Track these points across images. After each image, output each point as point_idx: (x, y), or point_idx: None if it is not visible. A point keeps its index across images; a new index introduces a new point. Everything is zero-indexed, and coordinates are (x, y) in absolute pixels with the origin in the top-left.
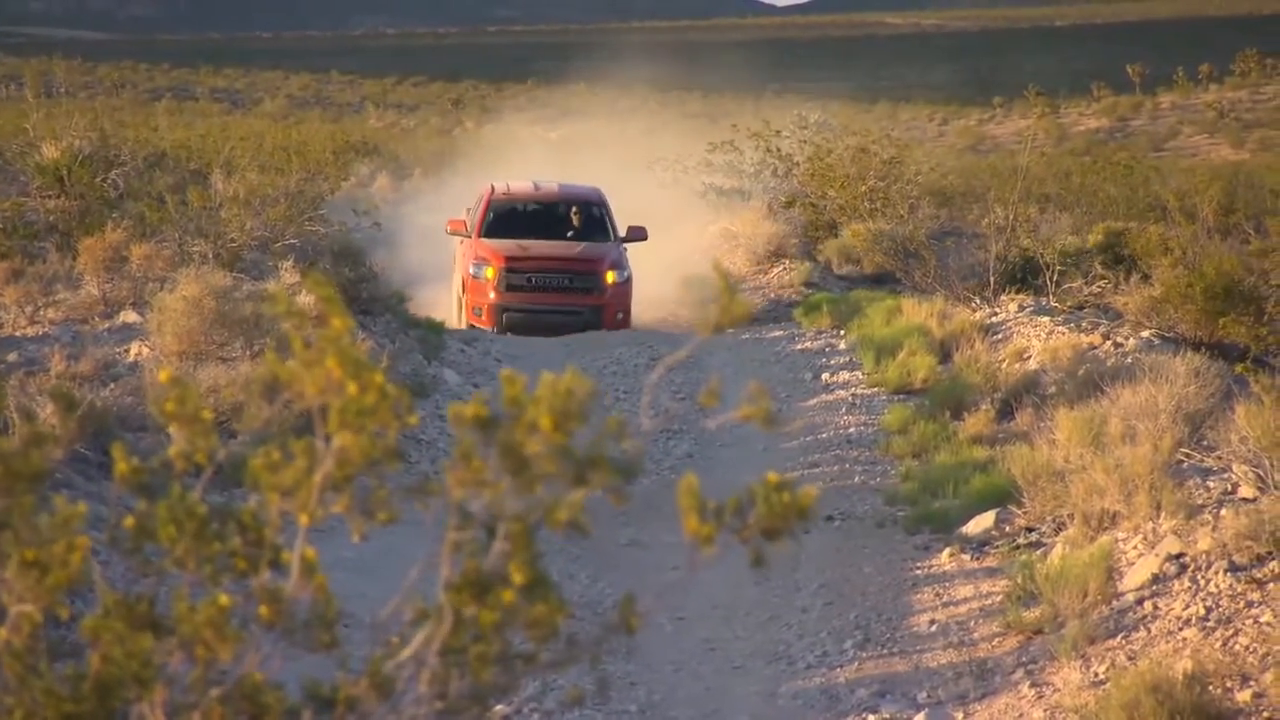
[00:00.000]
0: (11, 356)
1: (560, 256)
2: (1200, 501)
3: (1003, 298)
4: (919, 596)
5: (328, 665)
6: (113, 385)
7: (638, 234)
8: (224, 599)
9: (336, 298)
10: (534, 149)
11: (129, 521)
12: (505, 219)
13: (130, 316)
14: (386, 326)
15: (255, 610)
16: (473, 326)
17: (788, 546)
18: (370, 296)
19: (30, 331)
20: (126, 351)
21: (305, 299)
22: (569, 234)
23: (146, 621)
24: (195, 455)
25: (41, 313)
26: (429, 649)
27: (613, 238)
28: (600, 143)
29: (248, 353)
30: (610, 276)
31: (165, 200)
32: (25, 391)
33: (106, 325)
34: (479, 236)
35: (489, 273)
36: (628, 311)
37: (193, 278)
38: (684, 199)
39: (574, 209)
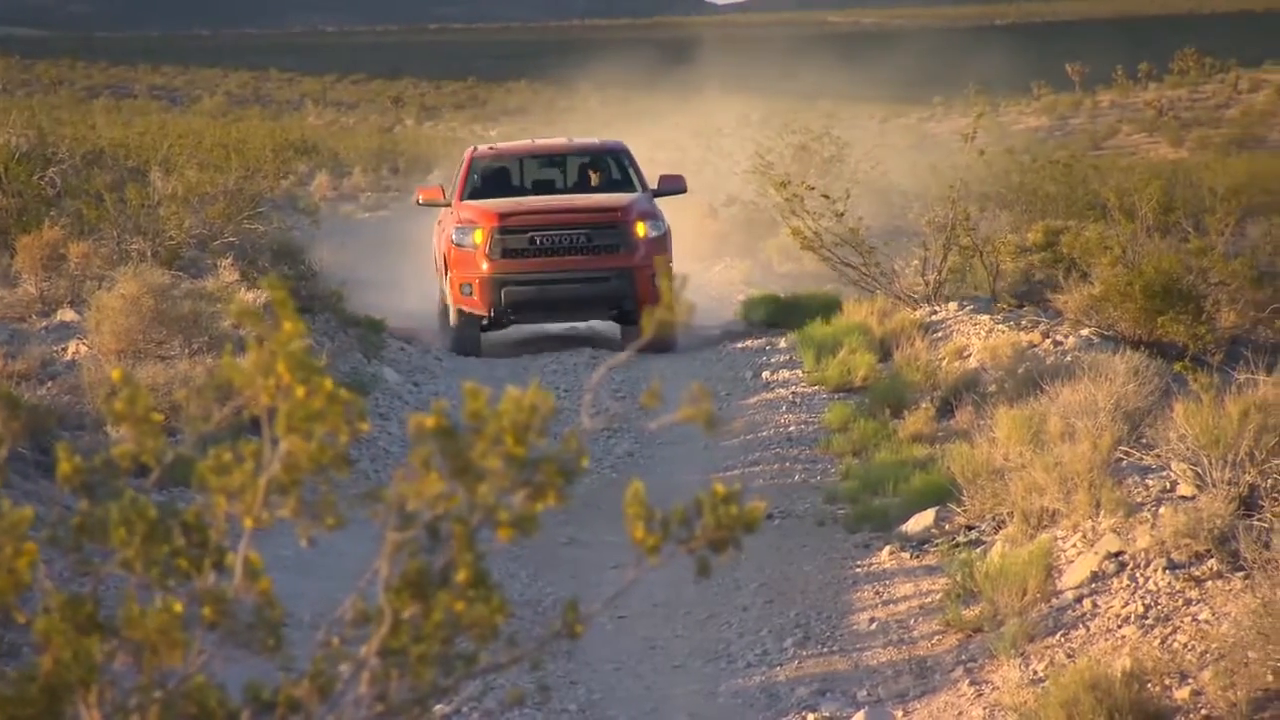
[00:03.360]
0: None
1: (571, 207)
2: (1139, 499)
3: (943, 296)
4: (859, 595)
5: (268, 666)
6: (50, 384)
7: (673, 185)
8: (177, 605)
9: (289, 301)
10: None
11: (77, 522)
12: (495, 181)
13: (68, 315)
14: (325, 325)
15: (198, 612)
16: (463, 314)
17: (731, 554)
18: (309, 294)
19: None
20: (64, 350)
21: (248, 296)
22: (583, 191)
23: (93, 624)
24: (143, 456)
25: None
26: (369, 650)
27: (643, 188)
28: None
29: (186, 351)
30: (641, 228)
31: (103, 198)
32: None
33: (44, 324)
34: (462, 200)
35: (477, 237)
36: (668, 275)
37: (131, 276)
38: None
39: (588, 163)
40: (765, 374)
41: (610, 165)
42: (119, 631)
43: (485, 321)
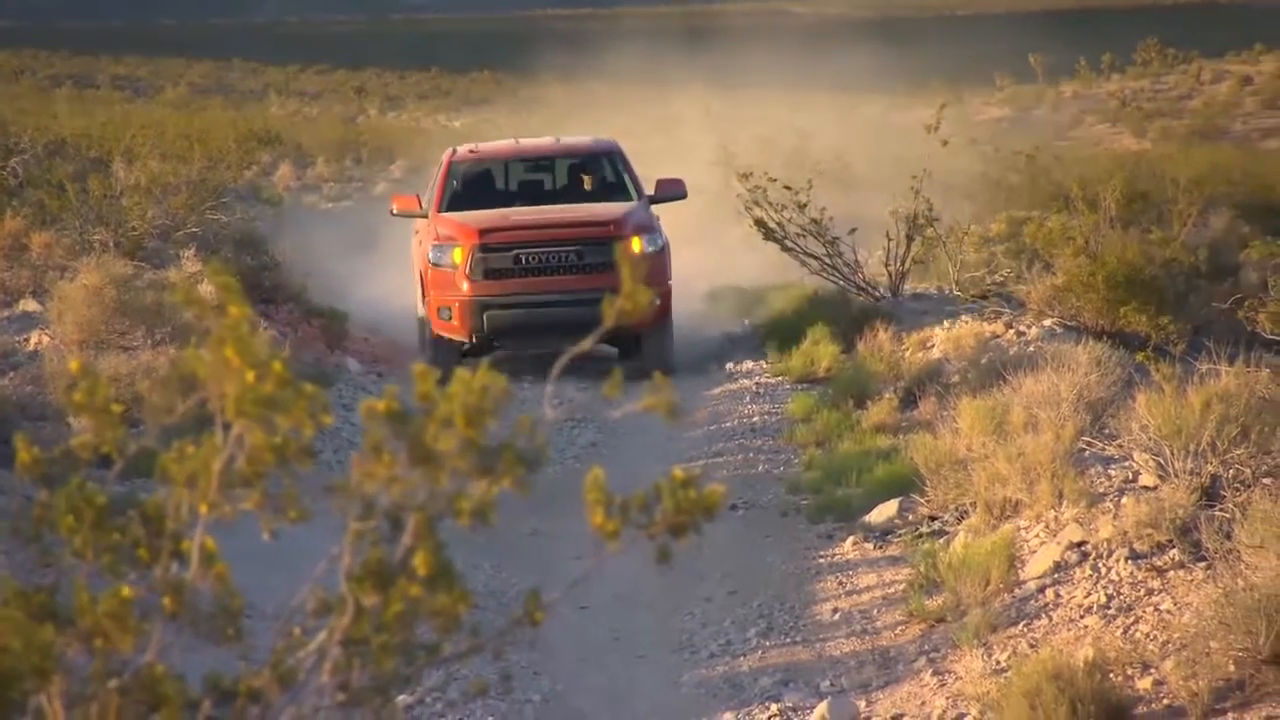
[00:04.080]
0: None
1: (561, 221)
2: (1101, 490)
3: (905, 286)
4: (822, 585)
5: (229, 657)
6: (12, 374)
7: (672, 190)
8: (126, 591)
9: (235, 286)
10: (439, 136)
11: (36, 512)
12: (476, 187)
13: (30, 305)
14: (289, 315)
15: (157, 601)
16: (439, 340)
17: (692, 542)
18: (273, 285)
19: None
20: (26, 340)
21: (207, 288)
22: (573, 199)
23: (46, 613)
24: (103, 446)
25: None
26: (331, 640)
27: (636, 197)
28: (504, 132)
29: (149, 341)
30: (637, 244)
31: (66, 188)
32: None
33: (6, 314)
34: (440, 211)
35: (456, 255)
36: (667, 295)
37: (93, 266)
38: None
39: (578, 166)
40: (729, 364)
41: (602, 168)
42: (72, 620)
43: (466, 347)
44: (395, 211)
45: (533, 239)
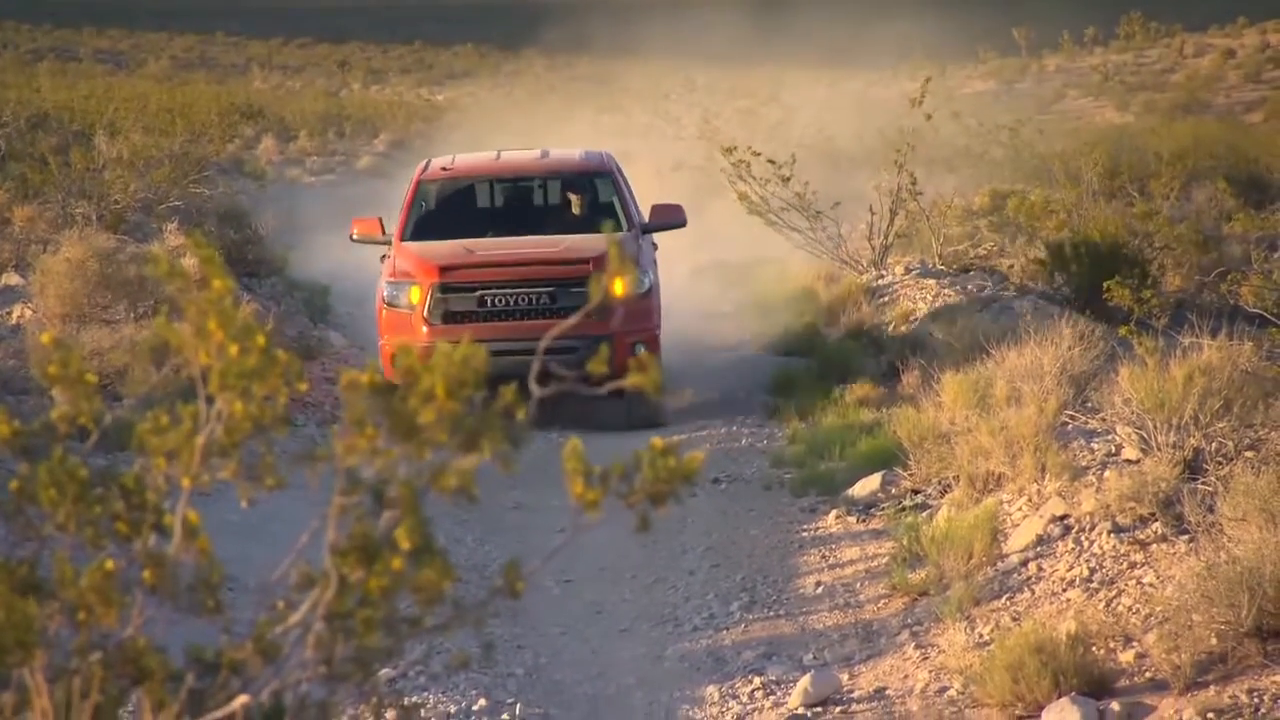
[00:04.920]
0: None
1: (532, 259)
2: (1084, 463)
3: (889, 260)
4: (805, 559)
5: (211, 630)
6: None
7: (670, 218)
8: (109, 564)
9: (217, 259)
10: (422, 110)
11: (15, 485)
12: (447, 210)
13: (12, 279)
14: (272, 289)
15: (139, 574)
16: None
17: (673, 511)
18: (256, 258)
19: None
20: (9, 314)
21: (189, 261)
22: (557, 226)
23: (28, 586)
24: (79, 418)
25: None
26: (314, 613)
27: (628, 226)
28: (486, 107)
29: (131, 315)
30: (620, 285)
31: (48, 162)
32: None
33: None
34: (402, 240)
35: (413, 295)
36: (654, 343)
37: (76, 240)
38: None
39: (564, 188)
40: (712, 338)
41: (591, 190)
42: (54, 593)
43: None
44: (355, 237)
45: (500, 278)
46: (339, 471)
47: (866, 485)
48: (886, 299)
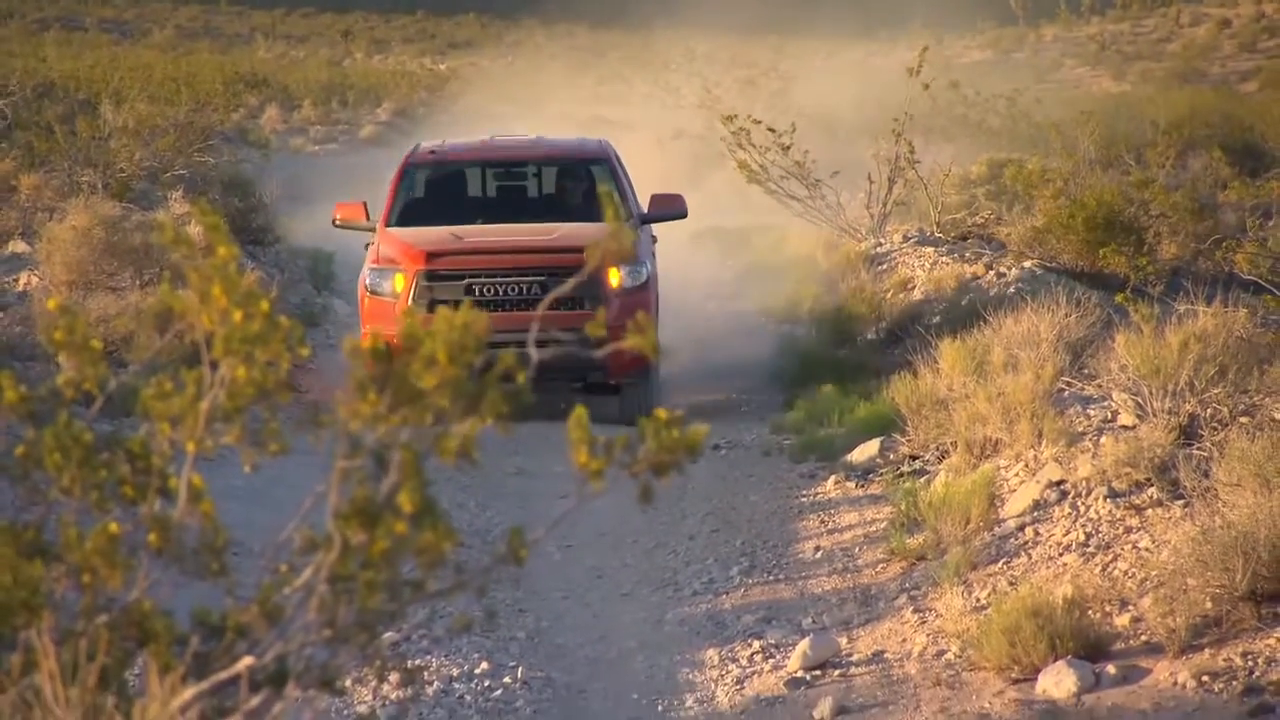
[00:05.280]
0: None
1: (523, 246)
2: (1080, 429)
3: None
4: (804, 524)
5: (216, 593)
6: (1, 314)
7: (669, 208)
8: (114, 527)
9: (222, 226)
10: (424, 80)
11: (20, 450)
12: (435, 196)
13: (19, 246)
14: (276, 256)
15: (144, 538)
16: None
17: (673, 478)
18: (260, 226)
19: None
20: (15, 281)
21: (194, 229)
22: (551, 215)
23: (35, 549)
24: (84, 383)
25: None
26: (318, 576)
27: (626, 216)
28: (489, 76)
29: (137, 282)
30: (615, 275)
31: (54, 130)
32: None
33: None
34: (387, 226)
35: (397, 283)
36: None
37: (82, 208)
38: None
39: (559, 175)
40: (712, 305)
41: (588, 178)
42: (60, 556)
43: None
44: (337, 222)
45: (489, 266)
46: (341, 436)
47: (865, 451)
48: (885, 266)
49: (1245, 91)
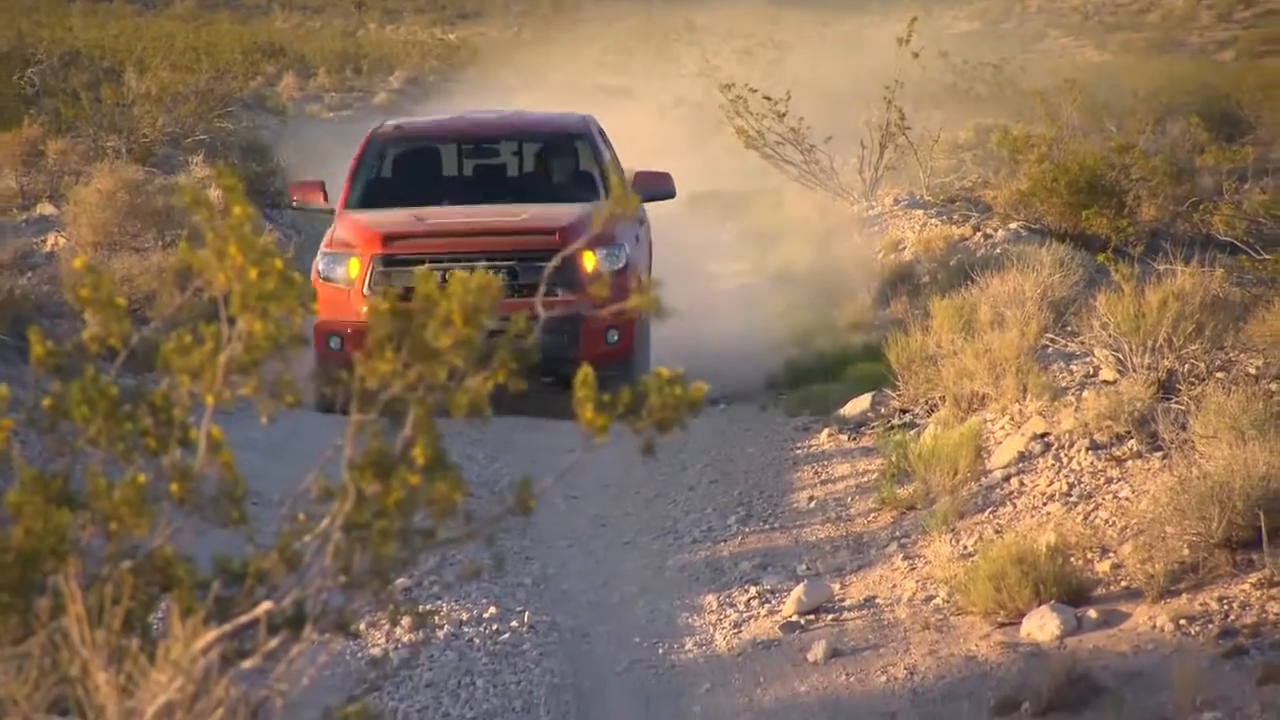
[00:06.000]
0: None
1: (490, 228)
2: (1064, 384)
3: (879, 192)
4: (799, 475)
5: (237, 540)
6: (30, 274)
7: (656, 186)
8: (141, 478)
9: (239, 187)
10: (434, 49)
11: (47, 402)
12: (400, 176)
13: (47, 208)
14: (293, 219)
15: (166, 487)
16: (328, 364)
17: (677, 435)
18: (277, 190)
19: None
20: (43, 242)
21: (214, 192)
22: (526, 195)
23: (63, 497)
24: (109, 339)
25: None
26: (334, 525)
27: (605, 195)
28: (497, 46)
29: (159, 243)
30: (590, 259)
31: (80, 97)
32: None
33: (24, 217)
34: (346, 208)
35: (352, 269)
36: (630, 326)
37: (107, 171)
38: (572, 103)
39: (537, 152)
40: (712, 265)
41: (568, 155)
42: (86, 504)
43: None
44: (294, 204)
45: (452, 249)
46: (357, 391)
47: (857, 405)
48: (877, 229)
49: (1222, 60)
